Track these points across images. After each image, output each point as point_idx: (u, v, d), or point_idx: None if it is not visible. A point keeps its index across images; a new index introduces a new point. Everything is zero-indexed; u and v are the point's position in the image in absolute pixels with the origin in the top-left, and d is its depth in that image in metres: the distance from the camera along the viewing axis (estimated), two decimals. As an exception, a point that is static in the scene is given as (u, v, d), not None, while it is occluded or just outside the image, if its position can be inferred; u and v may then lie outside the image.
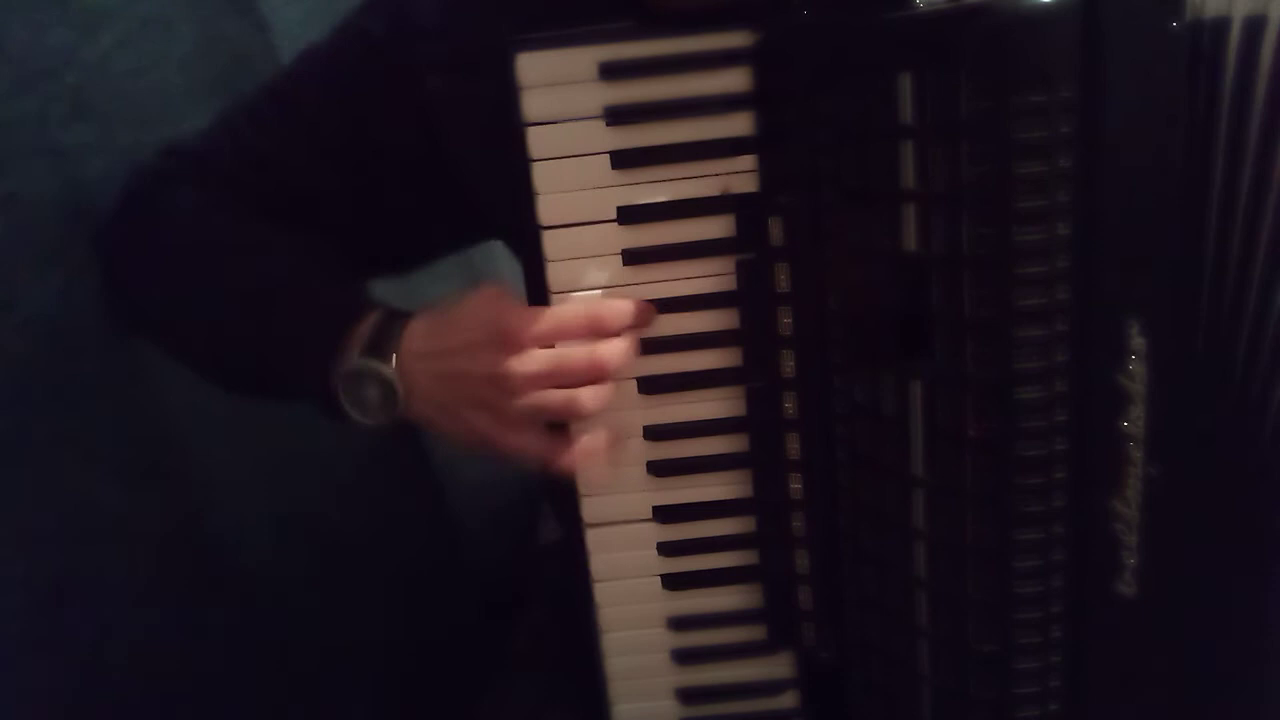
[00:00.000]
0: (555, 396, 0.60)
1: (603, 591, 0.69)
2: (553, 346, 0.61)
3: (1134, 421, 0.55)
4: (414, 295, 0.84)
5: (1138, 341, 0.54)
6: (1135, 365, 0.54)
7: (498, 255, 0.78)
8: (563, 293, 0.64)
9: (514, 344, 0.60)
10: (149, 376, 0.80)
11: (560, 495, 0.68)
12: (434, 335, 0.63)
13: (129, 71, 0.78)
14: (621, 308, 0.62)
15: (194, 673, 0.81)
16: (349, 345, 0.64)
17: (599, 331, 0.61)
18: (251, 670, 0.87)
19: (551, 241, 0.63)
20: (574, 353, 0.60)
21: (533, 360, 0.60)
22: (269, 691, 0.89)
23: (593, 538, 0.68)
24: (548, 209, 0.63)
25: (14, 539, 0.69)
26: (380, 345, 0.64)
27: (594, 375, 0.61)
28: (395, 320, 0.65)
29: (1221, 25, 0.50)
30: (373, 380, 0.63)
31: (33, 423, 0.71)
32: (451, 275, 0.85)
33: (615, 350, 0.61)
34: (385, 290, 0.74)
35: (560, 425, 0.64)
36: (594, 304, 0.62)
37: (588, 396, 0.61)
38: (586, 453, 0.64)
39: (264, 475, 0.89)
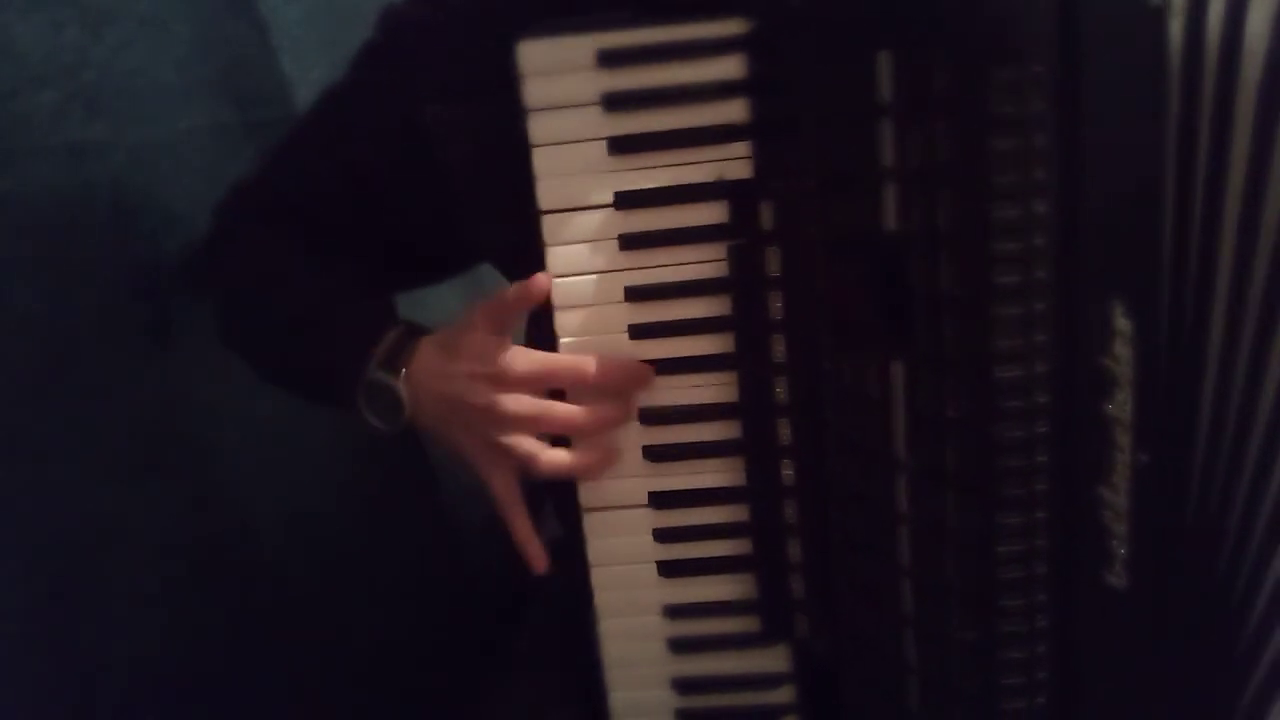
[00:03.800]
0: (523, 445, 0.66)
1: (599, 576, 0.70)
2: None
3: (1120, 406, 0.54)
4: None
5: (1123, 323, 0.53)
6: (1121, 348, 0.53)
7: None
8: (561, 276, 0.65)
9: (507, 383, 0.65)
10: (149, 377, 0.82)
11: (558, 483, 0.69)
12: (441, 356, 0.69)
13: (129, 71, 0.80)
14: (616, 367, 0.64)
15: (194, 673, 0.82)
16: (370, 359, 0.71)
17: (588, 385, 0.64)
18: (251, 670, 0.88)
19: (550, 226, 0.65)
20: (558, 407, 0.65)
21: (519, 403, 0.65)
22: (269, 692, 0.89)
23: (590, 522, 0.69)
24: (547, 193, 0.64)
25: (14, 539, 0.70)
26: (394, 360, 0.70)
27: (570, 431, 0.65)
28: (412, 337, 0.71)
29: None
30: (384, 391, 0.70)
31: (32, 423, 0.72)
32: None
33: (597, 417, 0.65)
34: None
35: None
36: (587, 359, 0.64)
37: (547, 459, 0.65)
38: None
39: (264, 475, 0.90)
